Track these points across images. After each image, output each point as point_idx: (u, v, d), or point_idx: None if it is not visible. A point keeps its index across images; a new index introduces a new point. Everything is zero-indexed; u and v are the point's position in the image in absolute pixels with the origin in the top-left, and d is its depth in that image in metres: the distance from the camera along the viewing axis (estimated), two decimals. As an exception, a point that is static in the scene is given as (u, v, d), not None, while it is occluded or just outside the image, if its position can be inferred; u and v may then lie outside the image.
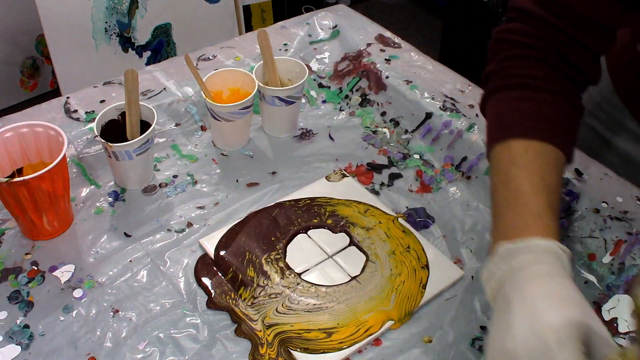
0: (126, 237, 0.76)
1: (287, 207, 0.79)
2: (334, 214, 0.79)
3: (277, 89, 0.86)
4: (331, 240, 0.76)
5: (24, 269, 0.72)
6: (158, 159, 0.86)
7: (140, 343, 0.65)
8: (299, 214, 0.78)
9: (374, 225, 0.77)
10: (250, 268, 0.71)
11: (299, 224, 0.77)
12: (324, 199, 0.80)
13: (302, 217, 0.78)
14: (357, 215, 0.79)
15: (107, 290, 0.70)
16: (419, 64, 1.05)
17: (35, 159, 0.76)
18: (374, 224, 0.77)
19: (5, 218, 0.77)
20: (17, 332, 0.65)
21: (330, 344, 0.65)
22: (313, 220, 0.78)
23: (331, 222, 0.78)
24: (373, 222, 0.78)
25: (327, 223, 0.78)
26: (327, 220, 0.78)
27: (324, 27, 1.12)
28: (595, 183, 0.82)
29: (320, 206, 0.79)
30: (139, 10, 1.81)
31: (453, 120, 0.91)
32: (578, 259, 0.74)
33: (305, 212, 0.79)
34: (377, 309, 0.68)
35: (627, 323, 0.66)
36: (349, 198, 0.81)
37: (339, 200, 0.80)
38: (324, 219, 0.78)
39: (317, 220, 0.78)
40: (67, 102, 0.92)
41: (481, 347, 0.65)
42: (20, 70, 2.09)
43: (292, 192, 0.82)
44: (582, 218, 0.78)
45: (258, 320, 0.67)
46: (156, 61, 1.77)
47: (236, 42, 1.08)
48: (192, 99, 0.94)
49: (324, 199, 0.80)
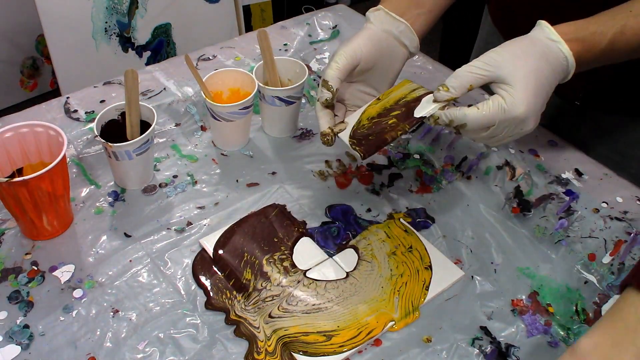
0: (126, 237, 0.76)
1: (286, 207, 0.79)
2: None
3: (277, 89, 0.86)
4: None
5: (24, 269, 0.71)
6: (158, 159, 0.86)
7: (140, 343, 0.65)
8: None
9: (372, 225, 0.77)
10: (248, 270, 0.71)
11: (299, 224, 0.77)
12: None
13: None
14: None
15: (107, 290, 0.70)
16: (419, 64, 1.05)
17: (35, 159, 0.76)
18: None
19: (5, 218, 0.77)
20: (17, 332, 0.65)
21: (330, 347, 0.64)
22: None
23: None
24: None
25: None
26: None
27: (324, 27, 1.12)
28: (595, 183, 0.82)
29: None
30: (139, 10, 1.81)
31: (453, 120, 0.91)
32: (578, 259, 0.74)
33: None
34: (379, 311, 0.68)
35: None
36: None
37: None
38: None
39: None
40: (67, 102, 0.92)
41: (481, 347, 0.65)
42: (20, 70, 2.10)
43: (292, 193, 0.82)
44: (582, 218, 0.78)
45: (255, 322, 0.66)
46: (156, 61, 1.77)
47: (236, 42, 1.08)
48: (192, 99, 0.95)
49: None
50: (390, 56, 0.76)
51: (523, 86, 0.62)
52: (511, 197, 0.81)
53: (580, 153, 0.87)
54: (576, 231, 0.77)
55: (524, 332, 0.67)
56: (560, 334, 0.67)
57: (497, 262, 0.74)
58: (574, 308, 0.69)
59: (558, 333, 0.67)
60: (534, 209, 0.80)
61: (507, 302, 0.70)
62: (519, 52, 0.63)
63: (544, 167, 0.85)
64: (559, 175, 0.83)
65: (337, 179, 0.84)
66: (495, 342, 0.66)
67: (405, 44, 0.77)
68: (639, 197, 0.80)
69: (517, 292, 0.71)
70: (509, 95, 0.62)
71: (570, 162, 0.86)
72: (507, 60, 0.62)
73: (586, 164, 0.85)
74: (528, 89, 0.62)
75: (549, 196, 0.81)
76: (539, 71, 0.63)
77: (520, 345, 0.66)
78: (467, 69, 0.63)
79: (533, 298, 0.70)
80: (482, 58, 0.63)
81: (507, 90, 0.62)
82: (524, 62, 0.62)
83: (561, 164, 0.85)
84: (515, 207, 0.80)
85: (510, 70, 0.62)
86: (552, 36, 0.64)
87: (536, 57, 0.63)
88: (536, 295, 0.70)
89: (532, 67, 0.63)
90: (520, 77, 0.62)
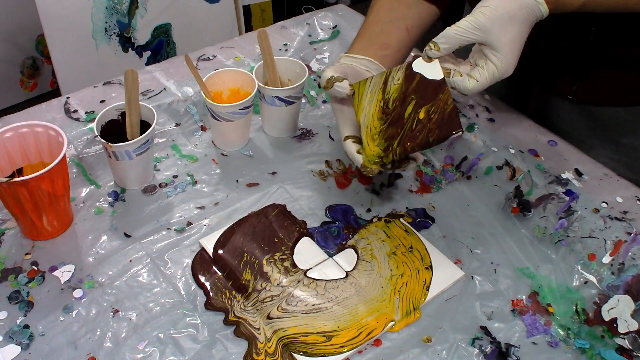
0: (126, 237, 0.76)
1: (286, 207, 0.79)
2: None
3: (277, 89, 0.86)
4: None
5: (24, 269, 0.71)
6: (158, 159, 0.86)
7: (140, 343, 0.65)
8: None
9: (372, 225, 0.77)
10: (248, 270, 0.71)
11: (300, 224, 0.77)
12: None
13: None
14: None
15: (107, 290, 0.70)
16: (419, 64, 1.04)
17: (35, 159, 0.76)
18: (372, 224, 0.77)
19: (5, 218, 0.77)
20: (17, 332, 0.65)
21: (330, 347, 0.64)
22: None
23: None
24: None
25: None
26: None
27: (324, 27, 1.12)
28: (595, 183, 0.82)
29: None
30: (139, 10, 1.81)
31: (453, 120, 0.91)
32: (578, 259, 0.74)
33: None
34: (379, 311, 0.68)
35: (627, 323, 0.66)
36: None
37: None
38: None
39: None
40: (67, 102, 0.92)
41: (481, 347, 0.65)
42: (20, 70, 2.09)
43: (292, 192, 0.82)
44: (582, 218, 0.78)
45: (255, 323, 0.66)
46: (156, 61, 1.77)
47: (236, 42, 1.08)
48: (192, 99, 0.95)
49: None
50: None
51: (510, 51, 0.67)
52: (511, 197, 0.81)
53: (580, 153, 0.87)
54: (576, 231, 0.77)
55: (524, 332, 0.67)
56: (560, 334, 0.67)
57: (497, 262, 0.74)
58: (574, 308, 0.69)
59: (558, 333, 0.67)
60: (534, 209, 0.80)
61: (507, 302, 0.70)
62: (506, 17, 0.66)
63: (544, 167, 0.85)
64: (559, 175, 0.83)
65: (337, 179, 0.84)
66: (495, 342, 0.66)
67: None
68: (639, 197, 0.80)
69: (517, 292, 0.71)
70: (499, 61, 0.67)
71: (570, 162, 0.86)
72: (496, 26, 0.66)
73: (586, 164, 0.85)
74: (514, 53, 0.67)
75: (549, 196, 0.81)
76: (522, 34, 0.68)
77: (520, 345, 0.66)
78: (457, 30, 0.67)
79: (533, 298, 0.70)
80: (472, 20, 0.66)
81: (496, 55, 0.67)
82: (511, 28, 0.66)
83: (561, 164, 0.85)
84: (515, 207, 0.80)
85: (498, 36, 0.66)
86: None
87: (520, 21, 0.67)
88: (536, 295, 0.70)
89: (517, 32, 0.67)
90: (508, 42, 0.66)
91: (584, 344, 0.66)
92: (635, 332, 0.66)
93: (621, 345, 0.65)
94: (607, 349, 0.65)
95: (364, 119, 0.71)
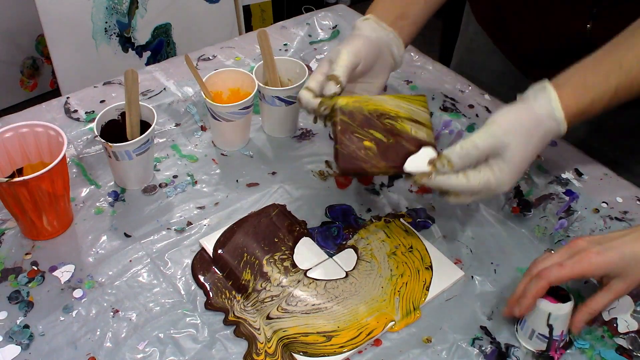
0: (126, 237, 0.76)
1: (286, 207, 0.79)
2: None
3: (277, 89, 0.86)
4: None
5: (24, 269, 0.71)
6: (158, 159, 0.86)
7: (140, 343, 0.65)
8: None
9: (372, 225, 0.77)
10: (247, 271, 0.71)
11: (300, 223, 0.77)
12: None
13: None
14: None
15: (107, 290, 0.70)
16: (419, 64, 1.05)
17: (35, 159, 0.76)
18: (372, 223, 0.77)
19: (5, 218, 0.77)
20: (17, 332, 0.65)
21: (330, 348, 0.64)
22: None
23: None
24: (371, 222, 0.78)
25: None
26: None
27: (324, 27, 1.12)
28: (595, 183, 0.82)
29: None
30: (139, 10, 1.81)
31: (453, 120, 0.91)
32: (578, 259, 0.74)
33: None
34: (379, 312, 0.68)
35: (627, 323, 0.66)
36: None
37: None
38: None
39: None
40: (67, 102, 0.92)
41: (481, 347, 0.65)
42: (20, 70, 2.10)
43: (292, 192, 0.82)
44: (582, 218, 0.78)
45: (255, 323, 0.66)
46: (156, 61, 1.77)
47: (236, 42, 1.08)
48: (192, 99, 0.95)
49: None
50: (382, 63, 0.78)
51: (515, 168, 0.63)
52: (511, 197, 0.81)
53: (580, 153, 0.87)
54: (576, 231, 0.77)
55: (524, 332, 0.67)
56: (560, 334, 0.67)
57: (497, 262, 0.74)
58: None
59: (558, 333, 0.67)
60: (534, 209, 0.80)
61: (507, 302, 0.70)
62: (524, 133, 0.63)
63: (544, 167, 0.84)
64: (559, 175, 0.83)
65: (337, 179, 0.84)
66: (495, 342, 0.66)
67: (394, 54, 0.78)
68: (639, 197, 0.80)
69: (517, 292, 0.71)
70: (500, 172, 0.63)
71: (570, 162, 0.85)
72: (511, 140, 0.62)
73: (586, 164, 0.85)
74: (518, 171, 0.64)
75: (549, 196, 0.81)
76: (534, 152, 0.64)
77: (520, 345, 0.66)
78: (473, 150, 0.62)
79: (533, 298, 0.70)
80: (491, 132, 0.62)
81: (498, 165, 0.63)
82: (525, 146, 0.63)
83: (561, 164, 0.85)
84: (515, 207, 0.80)
85: (510, 149, 0.62)
86: (556, 113, 0.64)
87: (537, 141, 0.64)
88: (536, 295, 0.70)
89: (530, 152, 0.64)
90: (517, 160, 0.63)
91: (584, 344, 0.66)
92: (635, 332, 0.66)
93: (621, 345, 0.65)
94: (607, 349, 0.65)
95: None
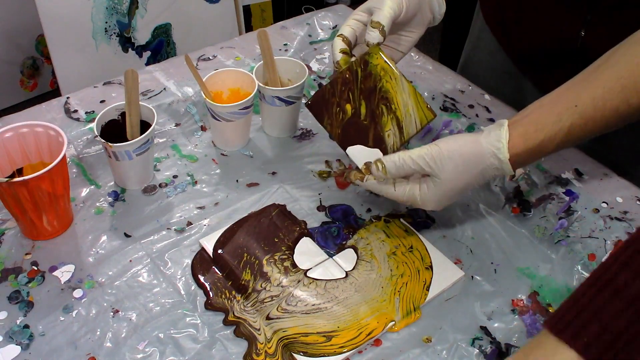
0: (126, 237, 0.76)
1: (286, 207, 0.79)
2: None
3: (277, 89, 0.86)
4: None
5: (24, 269, 0.71)
6: (158, 159, 0.86)
7: (140, 343, 0.65)
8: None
9: (372, 225, 0.77)
10: (247, 271, 0.71)
11: (300, 223, 0.77)
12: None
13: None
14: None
15: (107, 290, 0.70)
16: (419, 64, 1.05)
17: (35, 159, 0.76)
18: (372, 223, 0.77)
19: (5, 218, 0.77)
20: (17, 332, 0.65)
21: (330, 348, 0.64)
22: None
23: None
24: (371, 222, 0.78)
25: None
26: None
27: (324, 27, 1.12)
28: (595, 183, 0.82)
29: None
30: (139, 10, 1.81)
31: (453, 121, 0.91)
32: (578, 259, 0.74)
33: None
34: (379, 312, 0.68)
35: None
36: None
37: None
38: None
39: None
40: (67, 102, 0.92)
41: (481, 347, 0.65)
42: (20, 70, 2.10)
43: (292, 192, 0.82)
44: (582, 218, 0.78)
45: (255, 323, 0.66)
46: (156, 61, 1.77)
47: (236, 42, 1.08)
48: (192, 99, 0.95)
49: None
50: (421, 17, 0.77)
51: (442, 193, 0.66)
52: (511, 197, 0.81)
53: (580, 153, 0.87)
54: (576, 231, 0.77)
55: (524, 332, 0.67)
56: (560, 334, 0.67)
57: (497, 262, 0.74)
58: (574, 308, 0.69)
59: (558, 333, 0.67)
60: (534, 209, 0.80)
61: (507, 302, 0.70)
62: (461, 163, 0.65)
63: (544, 167, 0.84)
64: (559, 175, 0.83)
65: (337, 179, 0.84)
66: (495, 342, 0.66)
67: (434, 9, 0.77)
68: (639, 197, 0.80)
69: (517, 292, 0.71)
70: (427, 191, 0.66)
71: (570, 162, 0.85)
72: (446, 166, 0.65)
73: (586, 164, 0.85)
74: (446, 196, 0.67)
75: (549, 196, 0.81)
76: (468, 185, 0.66)
77: (520, 345, 0.66)
78: (408, 164, 0.66)
79: (533, 298, 0.70)
80: (429, 153, 0.65)
81: (427, 184, 0.66)
82: (458, 176, 0.65)
83: (561, 164, 0.85)
84: (515, 207, 0.80)
85: (443, 174, 0.65)
86: (500, 154, 0.64)
87: (475, 174, 0.66)
88: (536, 295, 0.70)
89: (463, 182, 0.66)
90: (446, 187, 0.65)
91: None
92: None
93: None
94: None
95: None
